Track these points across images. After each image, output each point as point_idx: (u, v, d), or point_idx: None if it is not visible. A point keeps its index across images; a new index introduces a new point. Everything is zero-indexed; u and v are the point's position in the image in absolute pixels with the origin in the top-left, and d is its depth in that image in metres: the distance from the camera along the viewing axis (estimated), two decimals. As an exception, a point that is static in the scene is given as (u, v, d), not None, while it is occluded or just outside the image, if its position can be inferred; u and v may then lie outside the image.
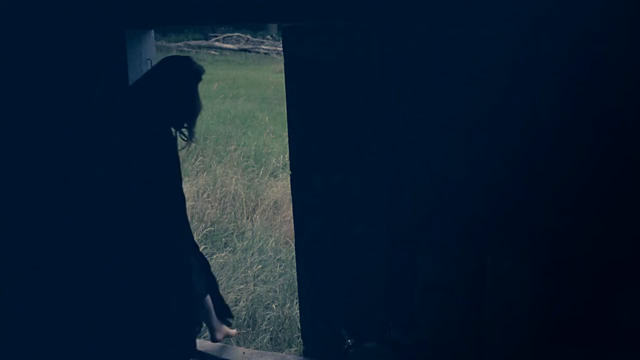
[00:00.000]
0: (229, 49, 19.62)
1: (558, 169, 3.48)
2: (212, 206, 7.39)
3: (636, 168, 3.34)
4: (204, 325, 4.60)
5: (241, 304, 5.50)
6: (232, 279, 5.90)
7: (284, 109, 4.06)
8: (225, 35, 20.11)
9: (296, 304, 5.09)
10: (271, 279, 5.97)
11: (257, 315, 5.38)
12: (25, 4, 4.26)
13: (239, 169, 8.53)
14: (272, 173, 8.59)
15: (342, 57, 3.79)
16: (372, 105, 3.78)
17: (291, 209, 4.29)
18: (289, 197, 4.93)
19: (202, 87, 4.19)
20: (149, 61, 4.36)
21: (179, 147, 4.20)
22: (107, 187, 4.25)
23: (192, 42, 19.53)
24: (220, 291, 4.70)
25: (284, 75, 3.99)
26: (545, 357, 3.66)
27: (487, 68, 3.51)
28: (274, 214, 7.38)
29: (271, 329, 5.22)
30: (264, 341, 5.07)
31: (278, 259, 6.32)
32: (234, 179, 8.09)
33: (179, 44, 19.27)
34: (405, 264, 3.87)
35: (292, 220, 4.19)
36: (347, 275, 4.03)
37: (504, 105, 3.52)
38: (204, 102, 4.39)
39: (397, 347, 3.91)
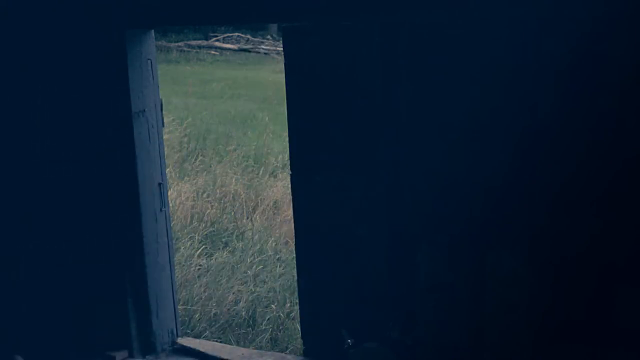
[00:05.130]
0: (229, 49, 19.59)
1: (558, 169, 3.47)
2: (212, 206, 7.39)
3: (636, 168, 3.34)
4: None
5: (241, 304, 5.50)
6: (232, 279, 5.90)
7: (284, 109, 4.06)
8: (225, 35, 20.08)
9: (296, 304, 5.09)
10: (271, 279, 5.97)
11: (257, 315, 5.38)
12: (26, 4, 4.27)
13: (238, 169, 8.53)
14: (272, 173, 8.59)
15: (342, 57, 3.79)
16: (372, 105, 3.77)
17: (291, 209, 4.29)
18: (289, 197, 4.92)
19: (202, 87, 4.21)
20: (149, 61, 4.36)
21: None
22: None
23: (192, 42, 19.49)
24: None
25: (284, 75, 3.99)
26: (545, 357, 3.66)
27: (487, 68, 3.50)
28: (274, 214, 7.38)
29: (271, 328, 5.22)
30: (264, 341, 5.07)
31: (278, 259, 6.32)
32: (233, 179, 8.09)
33: (179, 44, 19.24)
34: (405, 264, 3.87)
35: (292, 220, 4.19)
36: (347, 275, 4.03)
37: (504, 105, 3.52)
38: (204, 101, 4.42)
39: (397, 347, 3.91)
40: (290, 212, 4.67)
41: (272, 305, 5.51)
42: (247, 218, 7.27)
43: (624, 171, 3.36)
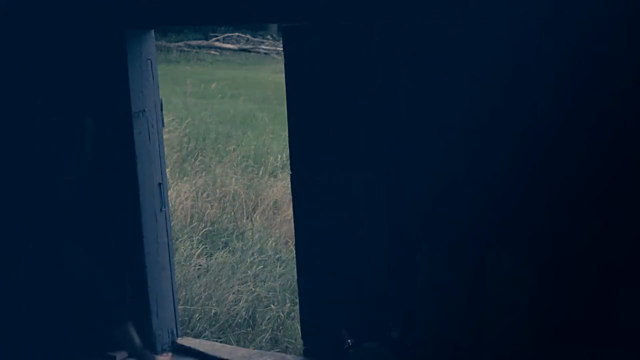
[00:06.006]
0: (229, 49, 19.60)
1: (558, 169, 3.48)
2: (211, 206, 7.39)
3: (636, 168, 3.34)
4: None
5: (241, 304, 5.50)
6: (232, 279, 5.90)
7: (283, 109, 4.07)
8: (225, 35, 20.09)
9: (296, 304, 5.09)
10: (271, 279, 5.97)
11: (257, 315, 5.39)
12: (26, 4, 4.27)
13: (238, 169, 8.53)
14: (272, 173, 8.59)
15: (342, 57, 3.79)
16: (372, 105, 3.77)
17: (291, 209, 4.29)
18: (289, 197, 4.92)
19: (202, 87, 4.22)
20: (149, 61, 4.36)
21: None
22: None
23: (192, 42, 19.51)
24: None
25: (284, 75, 3.99)
26: (545, 357, 3.66)
27: (487, 68, 3.50)
28: (274, 214, 7.38)
29: (271, 328, 5.22)
30: (264, 341, 5.07)
31: (278, 259, 6.32)
32: (233, 179, 8.09)
33: (179, 44, 19.26)
34: (405, 264, 3.87)
35: (292, 220, 4.20)
36: (347, 274, 4.03)
37: (504, 105, 3.52)
38: (203, 101, 4.42)
39: (397, 347, 3.91)
40: (290, 212, 4.67)
41: (272, 305, 5.51)
42: (247, 218, 7.27)
43: (624, 171, 3.36)
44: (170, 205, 5.27)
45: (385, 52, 3.69)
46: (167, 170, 6.84)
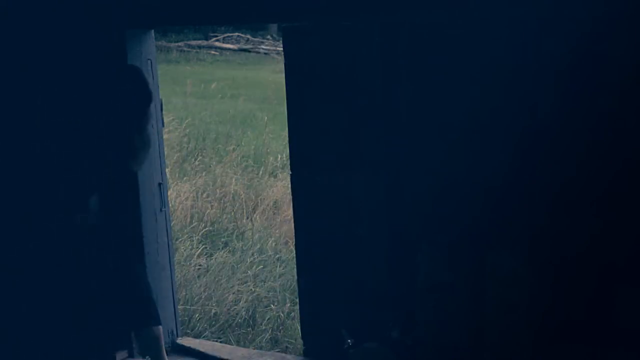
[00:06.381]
0: (229, 49, 19.58)
1: (558, 169, 3.48)
2: (211, 206, 7.38)
3: (636, 168, 3.34)
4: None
5: (241, 304, 5.50)
6: (232, 279, 5.90)
7: (283, 109, 4.07)
8: (225, 35, 20.07)
9: (296, 304, 5.09)
10: (271, 279, 5.96)
11: (257, 315, 5.38)
12: (26, 4, 4.27)
13: (238, 169, 8.53)
14: (272, 173, 8.58)
15: (342, 57, 3.79)
16: (372, 105, 3.77)
17: (291, 209, 4.29)
18: (289, 197, 4.92)
19: (202, 87, 4.21)
20: (149, 61, 4.36)
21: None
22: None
23: (192, 42, 19.48)
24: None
25: (284, 75, 3.99)
26: (545, 357, 3.66)
27: (487, 68, 3.51)
28: (274, 214, 7.37)
29: (271, 328, 5.22)
30: (264, 341, 5.06)
31: (278, 259, 6.32)
32: (233, 179, 8.08)
33: (179, 44, 19.24)
34: (405, 264, 3.87)
35: (292, 220, 4.19)
36: (347, 274, 4.03)
37: (504, 105, 3.52)
38: (203, 101, 4.39)
39: (397, 347, 3.91)
40: (290, 212, 4.67)
41: (272, 305, 5.50)
42: (247, 218, 7.27)
43: (624, 171, 3.36)
44: (170, 205, 5.27)
45: (385, 52, 3.69)
46: (167, 170, 6.84)
